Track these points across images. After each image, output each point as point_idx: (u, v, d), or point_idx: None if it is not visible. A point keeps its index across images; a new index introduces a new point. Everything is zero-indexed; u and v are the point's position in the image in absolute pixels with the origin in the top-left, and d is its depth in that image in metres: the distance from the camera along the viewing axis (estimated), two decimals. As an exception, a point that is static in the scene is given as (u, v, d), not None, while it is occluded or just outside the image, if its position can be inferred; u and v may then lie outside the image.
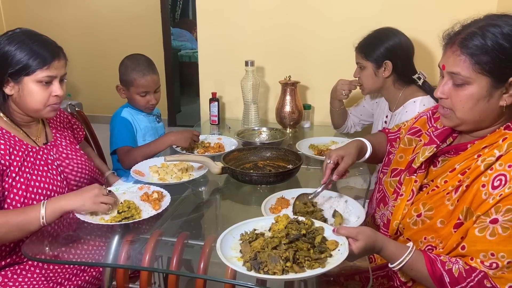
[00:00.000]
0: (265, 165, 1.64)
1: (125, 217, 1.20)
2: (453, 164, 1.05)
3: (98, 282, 1.37)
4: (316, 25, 2.22)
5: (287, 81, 2.13)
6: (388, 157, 1.36)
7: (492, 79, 0.93)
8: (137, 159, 1.71)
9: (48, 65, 1.24)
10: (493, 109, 0.96)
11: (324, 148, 1.81)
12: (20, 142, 1.28)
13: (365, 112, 2.04)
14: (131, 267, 1.26)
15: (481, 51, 0.92)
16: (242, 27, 2.31)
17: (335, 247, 0.96)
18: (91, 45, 4.86)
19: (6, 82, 1.24)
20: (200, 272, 1.09)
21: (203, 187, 1.58)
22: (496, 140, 0.97)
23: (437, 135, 1.12)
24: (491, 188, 0.92)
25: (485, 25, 0.93)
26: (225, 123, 2.36)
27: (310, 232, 1.00)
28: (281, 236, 0.97)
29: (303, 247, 0.94)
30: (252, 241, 0.99)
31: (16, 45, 1.21)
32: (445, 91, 1.00)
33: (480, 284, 0.90)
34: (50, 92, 1.27)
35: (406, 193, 1.13)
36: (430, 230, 1.04)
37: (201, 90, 2.47)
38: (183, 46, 6.15)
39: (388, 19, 1.96)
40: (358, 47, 1.79)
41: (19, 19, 5.03)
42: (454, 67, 0.96)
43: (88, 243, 1.23)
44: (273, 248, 0.94)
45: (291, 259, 0.90)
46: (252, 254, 0.93)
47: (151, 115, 2.01)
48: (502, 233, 0.89)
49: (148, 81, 1.87)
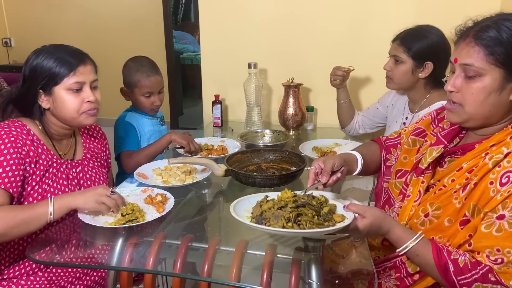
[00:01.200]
0: (269, 168, 1.63)
1: (129, 220, 1.19)
2: (460, 163, 1.05)
3: (101, 286, 1.37)
4: (319, 27, 2.22)
5: (290, 83, 2.13)
6: (385, 165, 1.35)
7: (505, 71, 0.93)
8: (140, 161, 1.71)
9: (74, 71, 1.26)
10: (504, 103, 0.97)
11: (327, 150, 1.80)
12: (48, 151, 1.29)
13: (378, 114, 1.99)
14: (135, 270, 1.26)
15: (495, 43, 0.92)
16: (244, 29, 2.31)
17: (341, 220, 1.00)
18: (94, 48, 4.79)
19: (39, 95, 1.27)
20: (204, 275, 1.08)
21: (207, 189, 1.57)
22: (504, 138, 0.98)
23: (445, 135, 1.12)
24: (499, 185, 0.92)
25: (498, 20, 0.94)
26: (228, 126, 2.36)
27: (319, 203, 1.07)
28: (289, 200, 1.05)
29: (308, 213, 1.01)
30: (262, 204, 1.08)
31: (43, 57, 1.26)
32: (457, 84, 0.99)
33: (484, 277, 0.90)
34: (83, 99, 1.29)
35: (414, 194, 1.13)
36: (437, 229, 1.04)
37: (204, 92, 2.47)
38: (185, 48, 6.17)
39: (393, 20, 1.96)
40: (400, 39, 1.67)
41: (22, 23, 5.06)
42: (467, 58, 0.96)
43: (92, 246, 1.23)
44: (278, 208, 1.03)
45: (293, 219, 0.99)
46: (259, 213, 1.05)
47: (155, 118, 2.02)
48: (509, 228, 0.89)
49: (152, 82, 1.89)
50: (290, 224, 0.98)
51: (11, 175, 1.17)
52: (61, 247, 1.19)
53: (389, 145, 1.37)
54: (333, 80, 1.99)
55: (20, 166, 1.19)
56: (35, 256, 1.11)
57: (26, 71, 1.27)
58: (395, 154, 1.32)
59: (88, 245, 1.23)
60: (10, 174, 1.17)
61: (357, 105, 2.14)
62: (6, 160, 1.17)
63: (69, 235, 1.24)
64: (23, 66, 1.29)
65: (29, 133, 1.26)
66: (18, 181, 1.19)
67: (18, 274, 1.26)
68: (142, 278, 1.28)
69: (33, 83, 1.26)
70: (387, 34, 1.75)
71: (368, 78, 2.22)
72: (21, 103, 1.30)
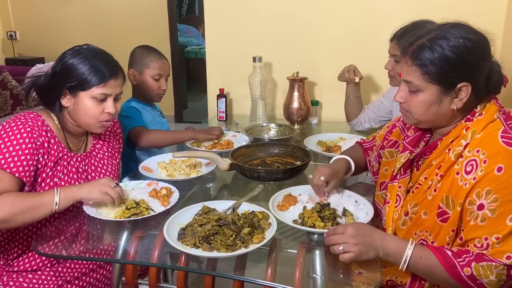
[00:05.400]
0: (273, 162, 1.63)
1: (134, 213, 1.20)
2: (429, 161, 1.12)
3: (107, 281, 1.38)
4: (325, 20, 2.21)
5: (295, 77, 2.12)
6: (370, 166, 1.43)
7: (441, 87, 1.02)
8: (158, 140, 1.78)
9: (105, 83, 1.27)
10: (445, 112, 1.05)
11: (332, 145, 1.80)
12: (59, 143, 1.30)
13: (382, 108, 1.98)
14: (140, 263, 1.26)
15: (429, 62, 1.00)
16: (249, 23, 2.29)
17: (258, 241, 1.06)
18: (98, 41, 4.79)
19: (64, 94, 1.28)
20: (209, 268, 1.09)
21: (211, 183, 1.58)
22: (460, 132, 1.05)
23: (409, 141, 1.20)
24: (465, 173, 0.99)
25: (434, 37, 1.01)
26: (233, 120, 2.36)
27: (248, 222, 1.12)
28: (213, 219, 1.11)
29: (226, 233, 1.07)
30: (202, 214, 1.17)
31: (79, 59, 1.26)
32: (403, 96, 1.10)
33: (478, 257, 0.94)
34: (103, 109, 1.30)
35: (392, 199, 1.20)
36: (417, 224, 1.10)
37: (209, 86, 2.46)
38: (189, 42, 6.15)
39: (400, 14, 1.95)
40: (397, 38, 1.61)
41: (27, 16, 5.06)
42: (407, 76, 1.06)
43: (97, 240, 1.23)
44: (199, 225, 1.10)
45: (204, 239, 1.06)
46: (184, 226, 1.13)
47: (155, 110, 2.02)
48: (491, 215, 0.94)
49: (165, 64, 1.92)
50: (200, 244, 1.05)
51: (26, 164, 1.19)
52: (67, 241, 1.19)
53: (366, 148, 1.46)
54: (338, 77, 1.99)
55: (34, 156, 1.21)
56: (41, 249, 1.11)
57: (58, 66, 1.27)
58: (373, 156, 1.42)
59: (93, 238, 1.23)
60: (25, 163, 1.18)
61: (364, 99, 2.12)
62: (21, 149, 1.18)
63: (75, 229, 1.24)
64: (57, 60, 1.29)
65: (44, 124, 1.27)
66: (32, 171, 1.21)
67: (28, 266, 1.27)
68: (147, 271, 1.28)
69: (61, 81, 1.26)
70: (394, 28, 1.72)
71: (375, 72, 2.20)
72: (44, 94, 1.31)
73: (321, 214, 1.17)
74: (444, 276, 0.96)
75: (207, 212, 1.19)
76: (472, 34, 1.00)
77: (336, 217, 1.17)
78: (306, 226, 1.14)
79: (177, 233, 1.11)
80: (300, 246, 1.15)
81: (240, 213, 1.21)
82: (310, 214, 1.17)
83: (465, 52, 0.98)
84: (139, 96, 1.96)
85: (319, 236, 1.14)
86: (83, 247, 1.19)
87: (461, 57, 0.98)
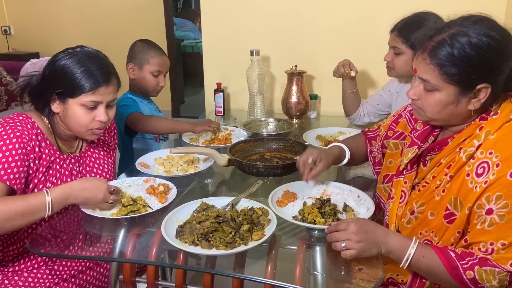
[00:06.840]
0: (272, 157, 1.61)
1: (131, 210, 1.18)
2: (438, 159, 1.08)
3: (104, 279, 1.36)
4: (323, 13, 2.18)
5: (293, 71, 2.09)
6: (371, 156, 1.40)
7: (459, 88, 0.96)
8: (155, 126, 1.78)
9: (94, 90, 1.21)
10: (462, 112, 1.01)
11: (331, 139, 1.78)
12: (51, 146, 1.25)
13: (382, 102, 1.96)
14: (138, 262, 1.25)
15: (448, 62, 0.94)
16: (246, 16, 2.27)
17: (258, 238, 1.05)
18: (94, 35, 4.82)
19: (53, 99, 1.23)
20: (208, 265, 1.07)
21: (209, 179, 1.56)
22: (473, 132, 1.01)
23: (418, 136, 1.16)
24: (476, 176, 0.95)
25: (455, 34, 0.95)
26: (230, 114, 2.33)
27: (247, 219, 1.11)
28: (212, 216, 1.09)
29: (225, 230, 1.05)
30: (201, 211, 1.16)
31: (70, 64, 1.20)
32: (417, 93, 1.04)
33: (481, 262, 0.93)
34: (94, 116, 1.24)
35: (397, 195, 1.16)
36: (423, 224, 1.07)
37: (206, 80, 2.44)
38: (186, 36, 6.10)
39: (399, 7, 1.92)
40: (398, 29, 1.63)
41: (21, 10, 5.00)
42: (424, 74, 1.00)
43: (94, 238, 1.21)
44: (198, 222, 1.08)
45: (203, 236, 1.04)
46: (182, 224, 1.11)
47: (152, 104, 2.00)
48: (500, 221, 0.91)
49: (165, 61, 1.91)
50: (200, 239, 1.03)
51: (16, 171, 1.14)
52: (63, 239, 1.17)
53: (370, 137, 1.43)
54: (334, 72, 1.97)
55: (24, 162, 1.16)
56: (37, 248, 1.09)
57: (48, 70, 1.22)
58: (376, 146, 1.38)
59: (90, 236, 1.21)
60: (15, 170, 1.14)
61: (362, 94, 2.10)
62: (11, 156, 1.13)
63: (71, 227, 1.22)
64: (48, 62, 1.23)
65: (34, 127, 1.22)
66: (23, 177, 1.16)
67: (24, 267, 1.25)
68: (145, 269, 1.27)
69: (50, 86, 1.21)
70: (393, 21, 1.70)
71: (373, 66, 2.17)
72: (34, 97, 1.26)
73: (321, 210, 1.15)
74: (446, 277, 0.95)
75: (206, 209, 1.17)
76: (496, 32, 0.93)
77: (336, 213, 1.16)
78: (306, 222, 1.12)
79: (175, 231, 1.09)
80: (301, 242, 1.13)
81: (239, 209, 1.19)
82: (310, 210, 1.15)
83: (488, 53, 0.92)
84: (136, 90, 1.94)
85: (319, 232, 1.13)
86: (79, 245, 1.17)
87: (483, 58, 0.92)
